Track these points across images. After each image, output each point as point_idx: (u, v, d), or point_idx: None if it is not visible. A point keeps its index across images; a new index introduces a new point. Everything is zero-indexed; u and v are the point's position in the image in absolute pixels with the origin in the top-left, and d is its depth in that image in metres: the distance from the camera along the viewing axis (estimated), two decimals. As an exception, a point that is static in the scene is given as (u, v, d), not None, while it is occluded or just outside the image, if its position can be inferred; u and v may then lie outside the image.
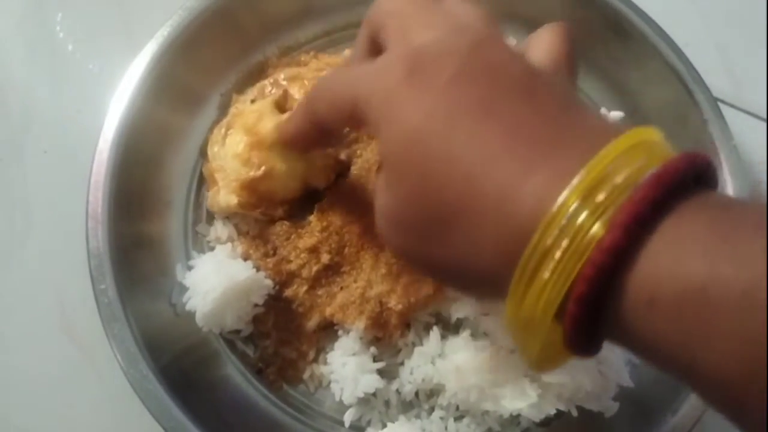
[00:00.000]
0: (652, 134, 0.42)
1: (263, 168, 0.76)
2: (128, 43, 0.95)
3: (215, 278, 0.73)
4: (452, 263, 0.46)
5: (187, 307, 0.75)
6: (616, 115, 0.88)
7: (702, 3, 0.99)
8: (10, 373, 0.82)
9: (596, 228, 0.36)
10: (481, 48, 0.46)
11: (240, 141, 0.77)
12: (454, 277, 0.50)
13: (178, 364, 0.74)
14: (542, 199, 0.39)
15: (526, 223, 0.39)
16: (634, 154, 0.39)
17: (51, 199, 0.89)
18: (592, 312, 0.38)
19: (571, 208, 0.37)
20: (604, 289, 0.37)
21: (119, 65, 0.81)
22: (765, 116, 0.91)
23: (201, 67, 0.86)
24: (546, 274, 0.38)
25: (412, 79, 0.45)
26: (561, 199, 0.38)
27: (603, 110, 0.89)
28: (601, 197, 0.37)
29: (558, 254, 0.37)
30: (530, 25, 0.92)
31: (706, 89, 0.80)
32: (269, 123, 0.77)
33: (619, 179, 0.37)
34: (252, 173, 0.76)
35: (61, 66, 0.97)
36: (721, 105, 0.80)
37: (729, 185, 0.78)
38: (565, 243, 0.37)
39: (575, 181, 0.38)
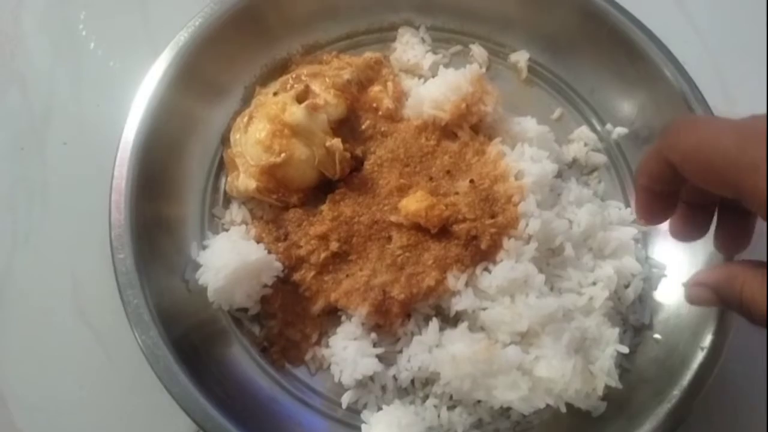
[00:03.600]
0: None
1: (283, 155, 0.80)
2: (149, 42, 0.98)
3: (228, 256, 0.77)
4: None
5: (200, 282, 0.78)
6: (620, 131, 0.92)
7: (699, 22, 1.05)
8: (23, 350, 0.85)
9: None
10: None
11: (263, 128, 0.81)
12: None
13: (188, 337, 0.77)
14: None
15: None
16: None
17: (68, 187, 0.92)
18: None
19: None
20: None
21: (139, 63, 0.85)
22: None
23: (226, 60, 0.90)
24: None
25: None
26: None
27: (608, 126, 0.93)
28: None
29: None
30: (548, 42, 0.97)
31: (707, 109, 0.84)
32: (296, 111, 0.80)
33: None
34: (272, 159, 0.80)
35: (83, 62, 1.00)
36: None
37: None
38: None
39: None
